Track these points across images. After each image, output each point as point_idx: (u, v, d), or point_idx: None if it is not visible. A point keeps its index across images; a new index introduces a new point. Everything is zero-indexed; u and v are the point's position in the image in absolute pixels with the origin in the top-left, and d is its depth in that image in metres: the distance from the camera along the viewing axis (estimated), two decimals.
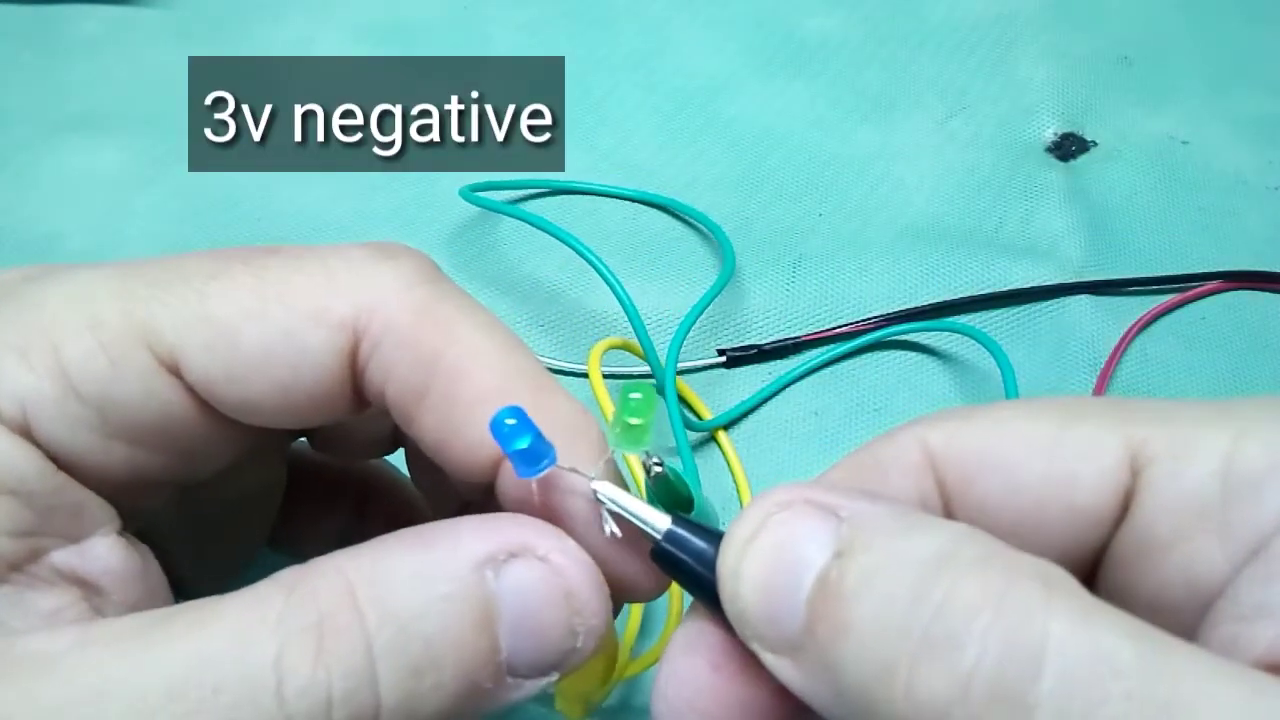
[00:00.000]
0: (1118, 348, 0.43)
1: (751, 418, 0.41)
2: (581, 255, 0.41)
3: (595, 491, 0.20)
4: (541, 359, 0.42)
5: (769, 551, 0.17)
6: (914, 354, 0.43)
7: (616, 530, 0.20)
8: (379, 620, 0.18)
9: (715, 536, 0.19)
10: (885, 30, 0.58)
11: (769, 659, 0.17)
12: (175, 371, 0.21)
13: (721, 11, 0.59)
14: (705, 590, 0.19)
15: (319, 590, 0.18)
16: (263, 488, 0.28)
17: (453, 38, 0.57)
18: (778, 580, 0.17)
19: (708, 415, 0.41)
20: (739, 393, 0.42)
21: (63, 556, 0.20)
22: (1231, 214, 0.49)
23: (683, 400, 0.41)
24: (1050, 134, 0.52)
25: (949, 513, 0.20)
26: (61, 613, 0.20)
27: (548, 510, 0.21)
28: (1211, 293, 0.46)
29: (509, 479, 0.21)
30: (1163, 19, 0.58)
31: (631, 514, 0.20)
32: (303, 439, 0.28)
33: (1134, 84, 0.55)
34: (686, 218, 0.49)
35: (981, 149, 0.52)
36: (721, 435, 0.40)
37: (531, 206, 0.49)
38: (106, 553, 0.21)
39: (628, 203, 0.49)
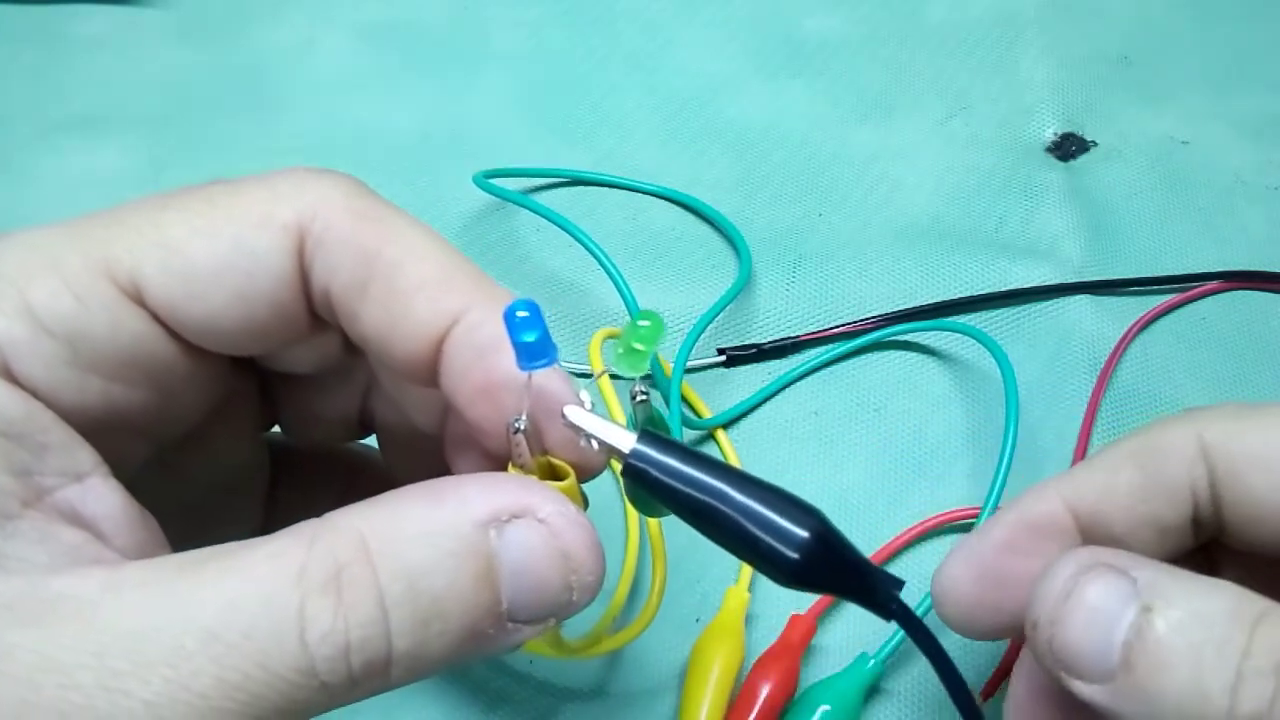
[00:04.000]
0: (1117, 348, 0.43)
1: (751, 417, 0.41)
2: (586, 248, 0.41)
3: (564, 415, 0.21)
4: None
5: (1086, 606, 0.21)
6: (914, 354, 0.43)
7: (594, 445, 0.21)
8: (390, 576, 0.19)
9: (679, 450, 0.20)
10: (885, 30, 0.58)
11: (1077, 685, 0.21)
12: (139, 300, 0.22)
13: (721, 11, 0.59)
14: (676, 500, 0.20)
15: (337, 546, 0.19)
16: (242, 471, 0.29)
17: (453, 38, 0.57)
18: (1094, 629, 0.21)
19: (707, 414, 0.41)
20: (739, 392, 0.42)
21: (64, 496, 0.21)
22: (1231, 214, 0.49)
23: (683, 399, 0.41)
24: (1050, 134, 0.52)
25: (1215, 499, 0.24)
26: (81, 549, 0.20)
27: (515, 402, 0.22)
28: (1211, 293, 0.46)
29: (452, 372, 0.22)
30: (1163, 19, 0.58)
31: (599, 437, 0.21)
32: (276, 429, 0.29)
33: (1134, 84, 0.55)
34: (701, 214, 0.49)
35: (981, 149, 0.52)
36: (721, 434, 0.40)
37: (541, 198, 0.49)
38: (107, 494, 0.21)
39: (634, 200, 0.49)
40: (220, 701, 0.18)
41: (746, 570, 0.36)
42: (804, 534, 0.20)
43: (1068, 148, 0.52)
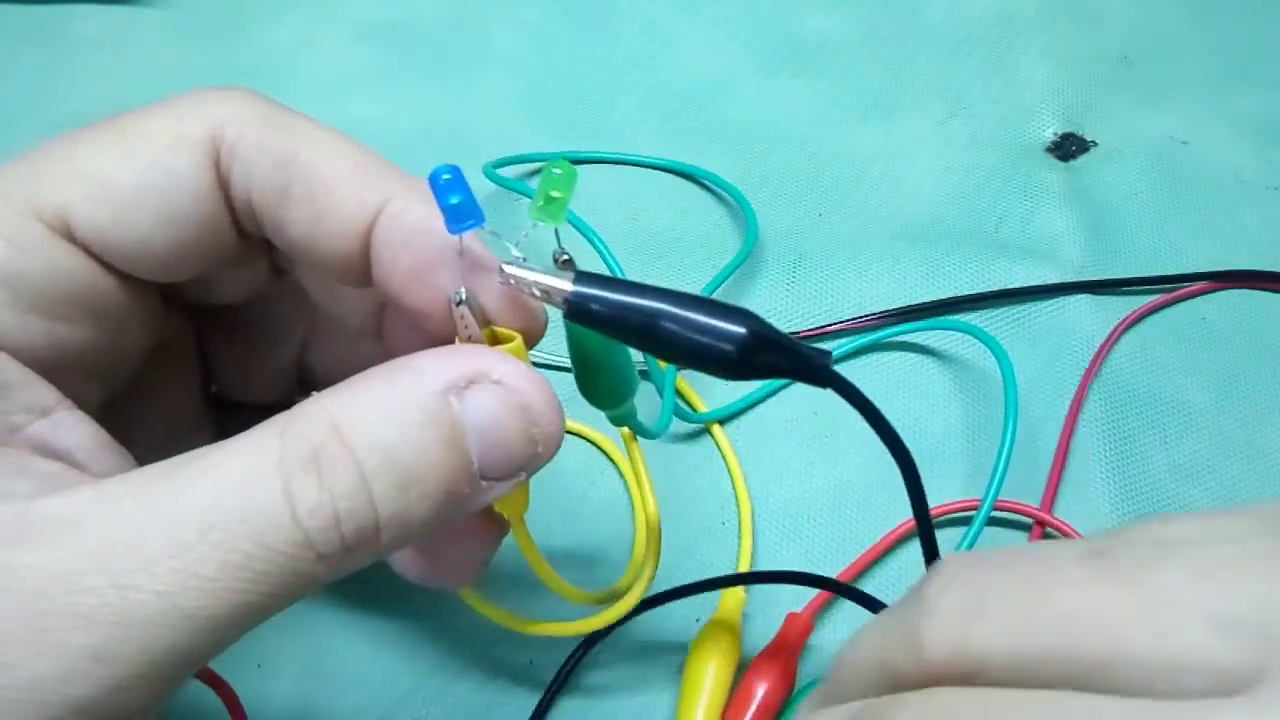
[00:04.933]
0: (1107, 340, 0.43)
1: (750, 416, 0.41)
2: (587, 239, 0.42)
3: (502, 271, 0.22)
4: (539, 353, 0.42)
5: None
6: (914, 354, 0.43)
7: (537, 293, 0.22)
8: (365, 449, 0.20)
9: (615, 281, 0.22)
10: (885, 30, 0.58)
11: None
12: (68, 236, 0.22)
13: (721, 11, 0.59)
14: (623, 325, 0.22)
15: (308, 429, 0.20)
16: (185, 430, 0.29)
17: (453, 38, 0.57)
18: None
19: (702, 408, 0.41)
20: (739, 389, 0.42)
21: (35, 431, 0.22)
22: (1231, 214, 0.49)
23: (677, 392, 0.41)
24: (1050, 134, 0.52)
25: None
26: (60, 476, 0.21)
27: (448, 280, 0.23)
28: (1207, 291, 0.46)
29: (383, 262, 0.23)
30: (1163, 19, 0.58)
31: (540, 283, 0.22)
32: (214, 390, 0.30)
33: (1134, 84, 0.55)
34: (704, 184, 0.49)
35: (981, 149, 0.52)
36: (717, 430, 0.40)
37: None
38: (76, 426, 0.22)
39: (635, 199, 0.49)
40: (229, 582, 0.19)
41: (743, 571, 0.36)
42: (739, 330, 0.22)
43: (1068, 148, 0.52)
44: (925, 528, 0.25)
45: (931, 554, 0.25)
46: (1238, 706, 0.14)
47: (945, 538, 0.38)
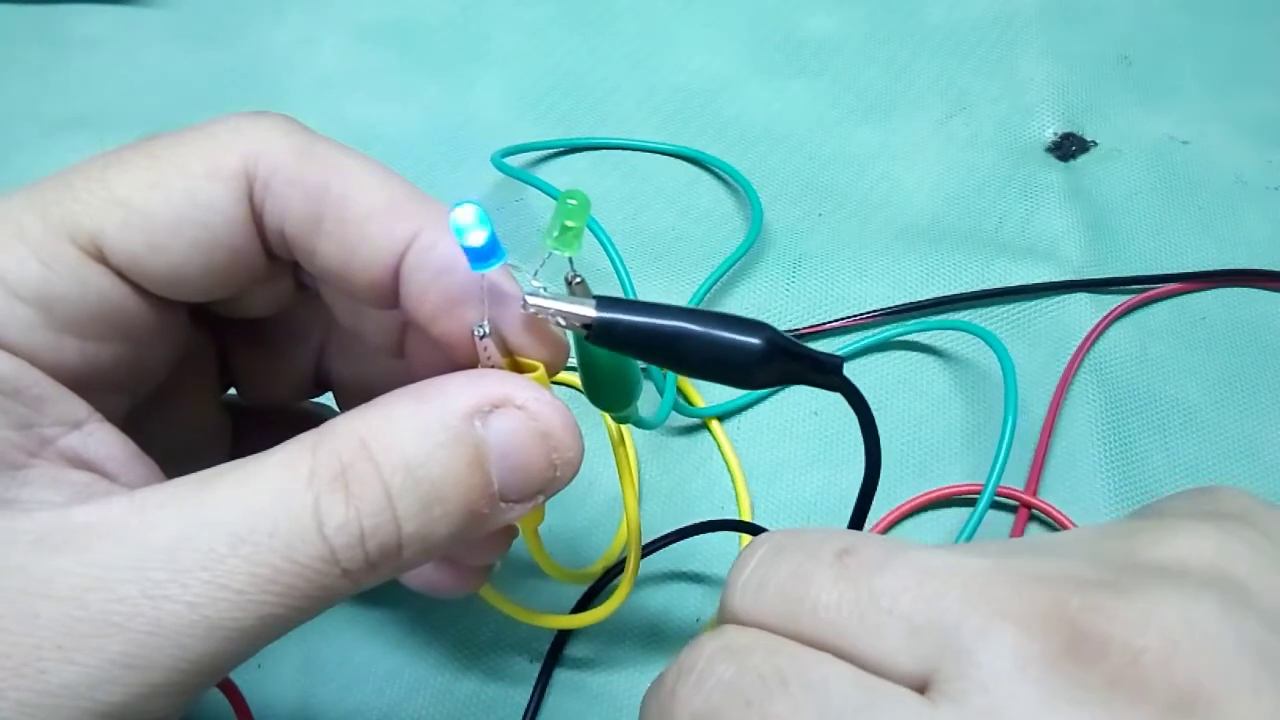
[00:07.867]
0: (1095, 329, 0.43)
1: (750, 416, 0.41)
2: (596, 238, 0.42)
3: (525, 302, 0.23)
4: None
5: None
6: (914, 354, 0.43)
7: (561, 320, 0.23)
8: (391, 468, 0.21)
9: (635, 302, 0.23)
10: (885, 30, 0.58)
11: None
12: (101, 259, 0.22)
13: (722, 11, 0.59)
14: (646, 344, 0.23)
15: (339, 447, 0.21)
16: (205, 434, 0.30)
17: (453, 37, 0.57)
18: None
19: (700, 403, 0.41)
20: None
21: (67, 444, 0.22)
22: (1231, 214, 0.49)
23: (677, 387, 0.41)
24: (1050, 134, 0.52)
25: None
26: (92, 486, 0.21)
27: (475, 313, 0.23)
28: (1205, 289, 0.46)
29: (411, 295, 0.24)
30: (1163, 19, 0.58)
31: (564, 310, 0.23)
32: (233, 391, 0.30)
33: (1134, 84, 0.55)
34: (708, 167, 0.50)
35: (981, 149, 0.52)
36: (715, 425, 0.40)
37: (565, 167, 0.50)
38: (107, 438, 0.23)
39: (634, 199, 0.49)
40: (257, 595, 0.19)
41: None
42: (758, 342, 0.23)
43: (1068, 148, 0.52)
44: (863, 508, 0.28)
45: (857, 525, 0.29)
46: (908, 704, 0.18)
47: (950, 519, 0.38)
